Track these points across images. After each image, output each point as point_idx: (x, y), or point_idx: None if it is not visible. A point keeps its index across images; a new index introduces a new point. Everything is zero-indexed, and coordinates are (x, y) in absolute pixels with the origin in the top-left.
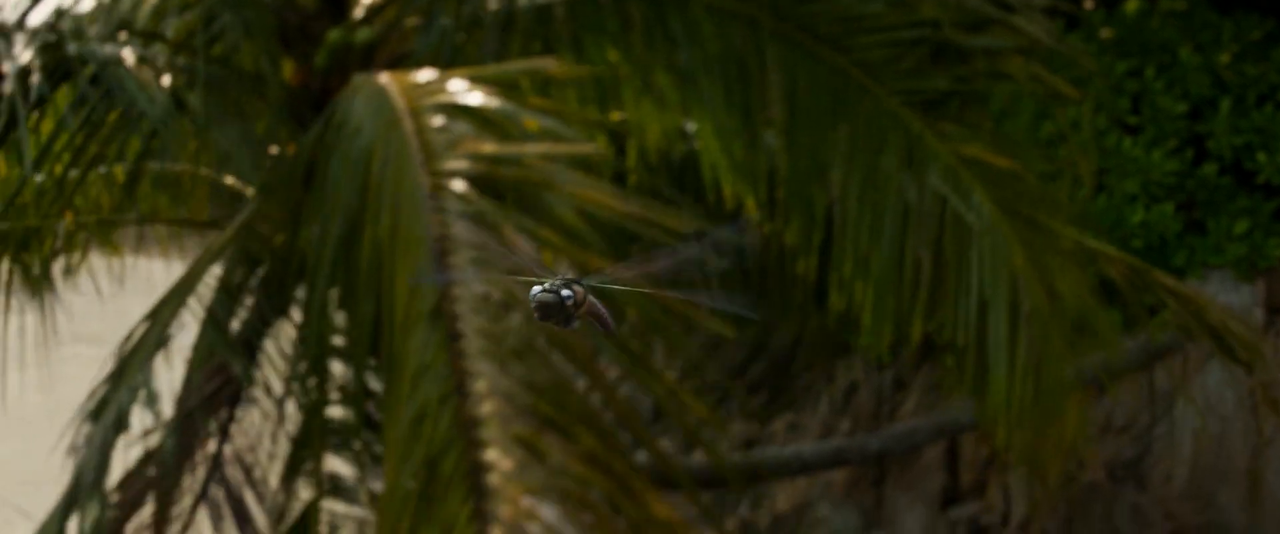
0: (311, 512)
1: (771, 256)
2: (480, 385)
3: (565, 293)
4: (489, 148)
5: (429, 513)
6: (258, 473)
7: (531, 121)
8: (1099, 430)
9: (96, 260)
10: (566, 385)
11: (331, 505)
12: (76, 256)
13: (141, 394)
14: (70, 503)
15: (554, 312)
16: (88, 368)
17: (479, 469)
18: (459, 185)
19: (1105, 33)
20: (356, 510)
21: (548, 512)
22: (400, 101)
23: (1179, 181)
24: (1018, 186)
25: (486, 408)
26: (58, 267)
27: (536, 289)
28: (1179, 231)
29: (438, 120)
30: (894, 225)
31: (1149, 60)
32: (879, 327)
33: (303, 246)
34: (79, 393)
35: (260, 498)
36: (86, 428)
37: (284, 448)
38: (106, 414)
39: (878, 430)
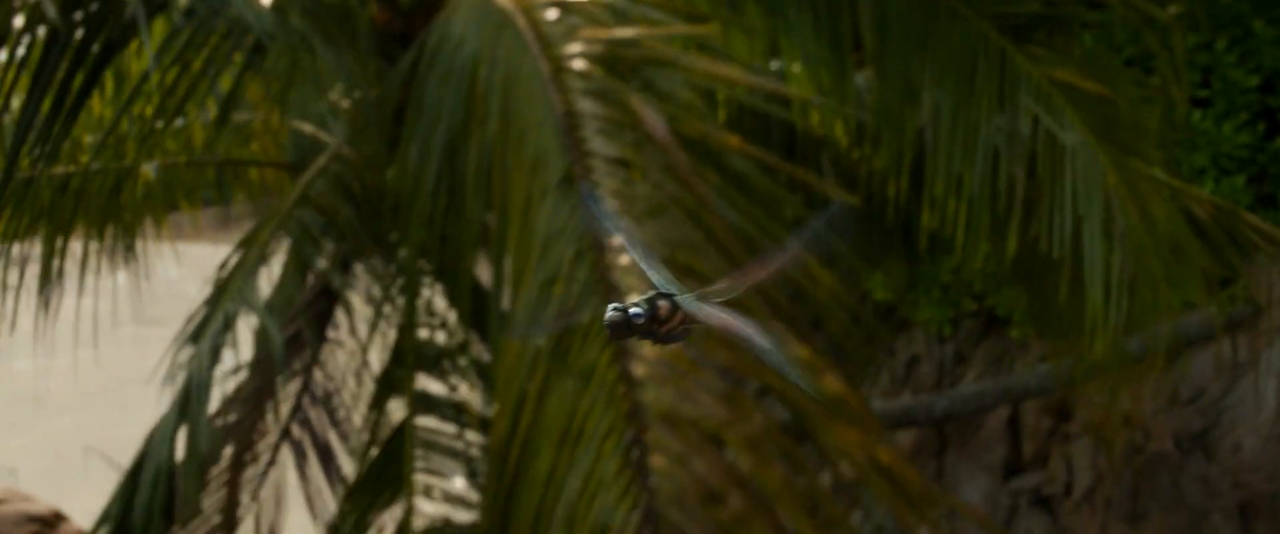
0: (406, 428)
1: (859, 187)
2: (619, 239)
3: (633, 311)
4: (606, 33)
5: (564, 364)
6: (341, 414)
7: (639, 17)
8: (1166, 402)
9: (154, 246)
10: (702, 240)
11: (423, 421)
12: (161, 200)
13: (242, 311)
14: (181, 412)
15: (621, 331)
16: (146, 347)
17: None
18: (580, 64)
19: (1174, 6)
20: (447, 426)
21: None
22: (508, 3)
23: (1250, 155)
24: (1108, 111)
25: (625, 259)
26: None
27: (610, 308)
28: (1249, 205)
29: (551, 14)
30: (986, 144)
31: (1220, 33)
32: (973, 243)
33: (393, 182)
34: (137, 370)
35: (344, 438)
36: (187, 350)
37: (368, 389)
38: (212, 326)
39: (943, 393)
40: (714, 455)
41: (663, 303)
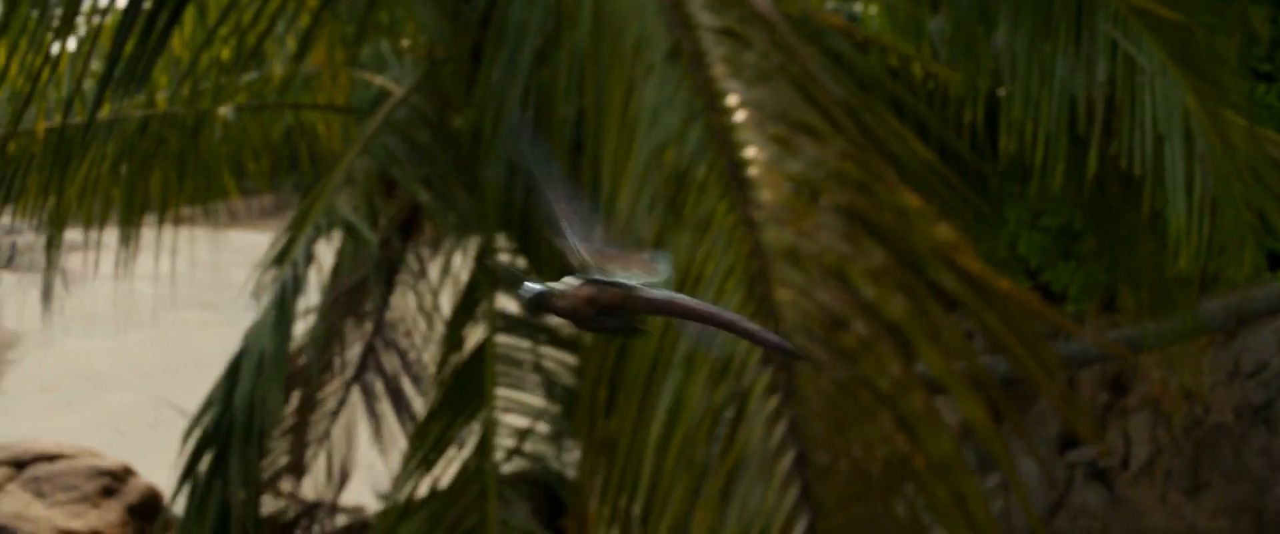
0: (487, 344)
1: (931, 126)
2: (731, 100)
3: (528, 286)
4: None
5: (680, 218)
6: (412, 355)
7: None
8: (1227, 375)
9: (205, 233)
10: (814, 101)
11: (502, 338)
12: (235, 147)
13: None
14: (279, 308)
15: (533, 309)
16: (196, 329)
17: (737, 165)
18: None
19: None
20: (524, 342)
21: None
22: None
23: None
24: (1187, 38)
25: (739, 117)
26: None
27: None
28: None
29: None
30: (1065, 68)
31: None
32: (1052, 165)
33: (473, 113)
34: (189, 350)
35: (415, 380)
36: (271, 272)
37: (439, 330)
38: (299, 241)
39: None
40: (837, 287)
41: (562, 282)
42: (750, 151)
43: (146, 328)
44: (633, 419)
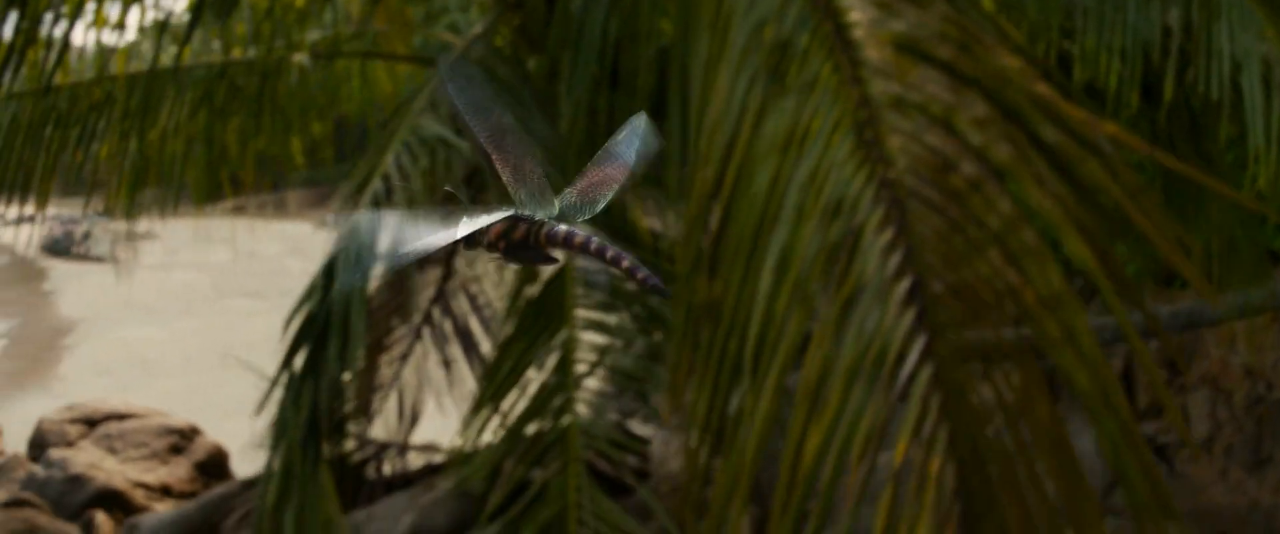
0: (567, 267)
1: None
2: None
3: (465, 222)
4: None
5: (782, 86)
6: (482, 299)
7: None
8: None
9: (253, 224)
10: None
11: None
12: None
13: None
14: (348, 261)
15: (465, 242)
16: (245, 318)
17: (841, 28)
18: None
19: None
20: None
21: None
22: None
23: None
24: None
25: None
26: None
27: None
28: None
29: None
30: (1137, 10)
31: None
32: (1127, 93)
33: (553, 46)
34: (237, 338)
35: (485, 324)
36: (346, 210)
37: (509, 278)
38: (387, 158)
39: None
40: (945, 132)
41: (501, 224)
42: (853, 15)
43: (197, 316)
44: (738, 278)
